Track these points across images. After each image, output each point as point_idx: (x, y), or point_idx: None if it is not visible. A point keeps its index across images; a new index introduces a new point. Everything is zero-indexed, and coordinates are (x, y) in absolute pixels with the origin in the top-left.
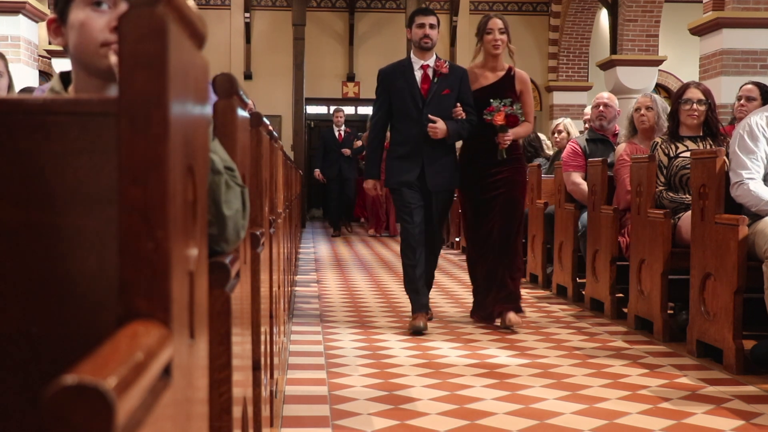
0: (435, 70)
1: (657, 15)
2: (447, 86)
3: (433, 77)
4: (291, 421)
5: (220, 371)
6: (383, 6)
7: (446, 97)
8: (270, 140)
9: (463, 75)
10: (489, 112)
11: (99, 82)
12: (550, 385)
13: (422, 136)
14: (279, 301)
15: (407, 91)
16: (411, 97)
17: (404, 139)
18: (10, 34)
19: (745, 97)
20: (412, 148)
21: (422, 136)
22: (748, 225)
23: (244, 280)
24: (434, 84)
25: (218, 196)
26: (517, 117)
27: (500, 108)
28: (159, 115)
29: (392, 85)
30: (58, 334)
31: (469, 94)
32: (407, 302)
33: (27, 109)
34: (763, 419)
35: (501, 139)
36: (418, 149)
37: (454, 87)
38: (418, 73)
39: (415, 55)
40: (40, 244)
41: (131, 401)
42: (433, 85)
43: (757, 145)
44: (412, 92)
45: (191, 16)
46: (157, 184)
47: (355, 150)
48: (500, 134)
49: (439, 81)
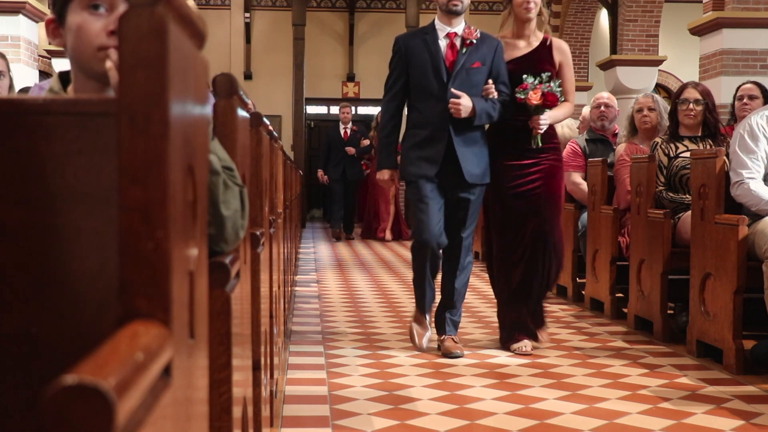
0: (463, 38)
1: (657, 15)
2: (477, 58)
3: (461, 47)
4: (291, 421)
5: (220, 371)
6: (383, 6)
7: (475, 72)
8: (270, 140)
9: (497, 46)
10: (522, 90)
11: (97, 85)
12: (550, 385)
13: (447, 116)
14: (279, 301)
15: (429, 63)
16: (434, 71)
17: (425, 120)
18: (10, 34)
19: (747, 96)
20: (434, 132)
21: (447, 117)
22: (748, 225)
23: (244, 280)
24: (462, 55)
25: (216, 196)
26: (555, 96)
27: (536, 85)
28: (159, 115)
29: (411, 55)
30: (58, 334)
31: (504, 70)
32: (407, 302)
33: (27, 109)
34: (763, 419)
35: (536, 122)
36: (441, 133)
37: (486, 59)
38: (443, 42)
39: (440, 21)
40: (40, 244)
41: (131, 401)
42: (460, 56)
43: (758, 144)
44: (435, 64)
45: (191, 16)
46: (157, 184)
47: (361, 150)
48: (535, 117)
49: (468, 52)
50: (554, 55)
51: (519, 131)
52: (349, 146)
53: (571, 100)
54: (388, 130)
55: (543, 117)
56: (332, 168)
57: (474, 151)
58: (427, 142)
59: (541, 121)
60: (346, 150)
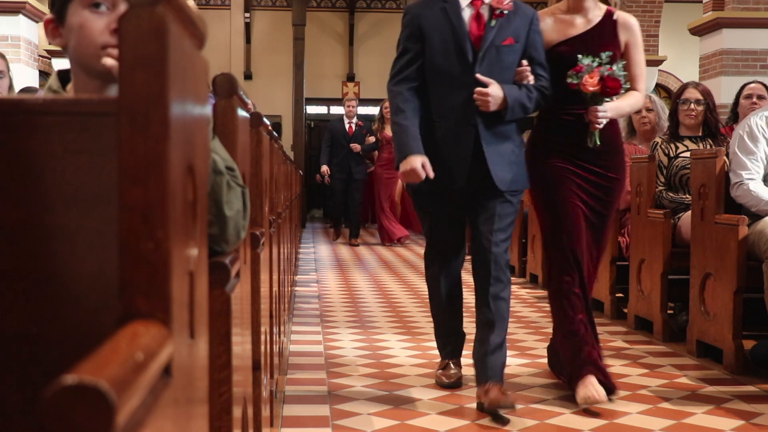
0: (492, 7)
1: (657, 15)
2: (509, 33)
3: (489, 19)
4: (291, 421)
5: (220, 371)
6: (383, 6)
7: (507, 51)
8: (270, 140)
9: (533, 17)
10: (575, 74)
11: (99, 83)
12: (550, 385)
13: (473, 106)
14: (279, 301)
15: (450, 40)
16: (456, 49)
17: (443, 112)
18: (10, 34)
19: (756, 95)
20: (456, 127)
21: (473, 108)
22: (748, 225)
23: (244, 280)
24: (490, 29)
25: (220, 196)
26: (618, 81)
27: (593, 67)
28: (159, 115)
29: (427, 29)
30: (58, 334)
31: (541, 47)
32: (407, 302)
33: (27, 109)
34: (763, 419)
35: (593, 115)
36: (465, 128)
37: (520, 35)
38: (467, 13)
39: None
40: (40, 244)
41: (131, 401)
42: (488, 30)
43: (757, 145)
44: (458, 41)
45: (191, 16)
46: (157, 184)
47: (367, 147)
48: (592, 108)
49: (499, 25)
50: (619, 33)
51: (572, 127)
52: (354, 142)
53: (640, 89)
54: (408, 112)
55: (602, 108)
56: (335, 165)
57: (506, 151)
58: (447, 141)
59: (600, 113)
60: (352, 147)
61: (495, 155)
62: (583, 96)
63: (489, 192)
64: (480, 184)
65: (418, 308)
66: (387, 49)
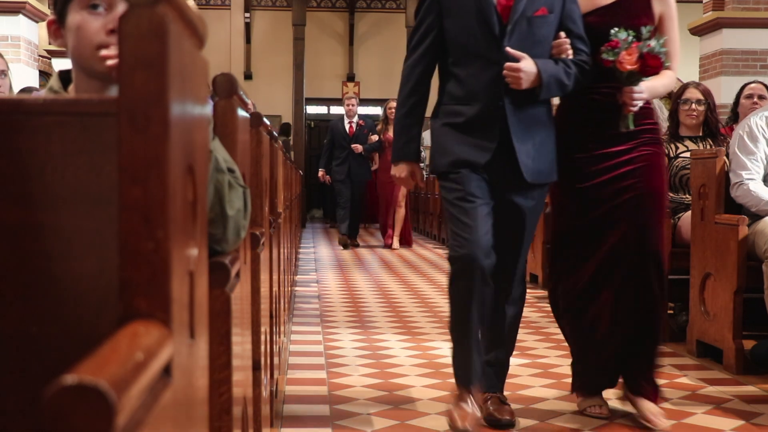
0: None
1: None
2: (542, 3)
3: None
4: (291, 421)
5: (220, 371)
6: (383, 6)
7: (540, 22)
8: (270, 140)
9: None
10: (610, 50)
11: (99, 84)
12: (550, 385)
13: (500, 87)
14: (279, 301)
15: (474, 12)
16: (480, 22)
17: (468, 93)
18: (10, 34)
19: (757, 95)
20: (481, 110)
21: (501, 88)
22: (748, 225)
23: (244, 280)
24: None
25: (224, 195)
26: (659, 59)
27: (630, 43)
28: (159, 115)
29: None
30: (58, 334)
31: (579, 20)
32: (407, 302)
33: (27, 109)
34: (763, 419)
35: (628, 96)
36: (492, 111)
37: (554, 5)
38: None
39: None
40: (40, 244)
41: (131, 401)
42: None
43: (757, 145)
44: (483, 12)
45: (191, 16)
46: (157, 184)
47: (369, 147)
48: (627, 88)
49: None
50: (653, 4)
51: (601, 108)
52: (355, 142)
53: (674, 68)
54: (409, 107)
55: (639, 89)
56: (336, 167)
57: (537, 139)
58: (472, 126)
59: (635, 95)
60: (353, 147)
61: (524, 143)
62: (617, 75)
63: (514, 189)
64: (503, 177)
65: (418, 308)
66: (387, 49)
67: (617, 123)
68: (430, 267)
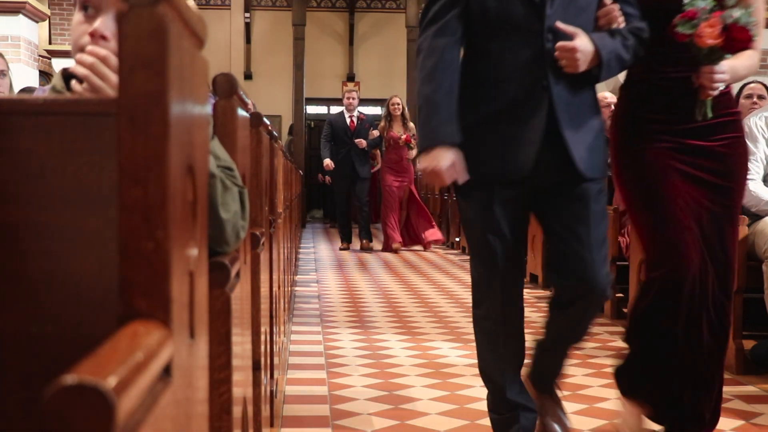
0: None
1: None
2: None
3: None
4: (291, 421)
5: (220, 371)
6: (383, 6)
7: None
8: (270, 140)
9: None
10: (686, 21)
11: None
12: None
13: (545, 68)
14: (279, 301)
15: None
16: None
17: (503, 75)
18: (10, 34)
19: (756, 95)
20: (522, 95)
21: (545, 70)
22: (748, 225)
23: (244, 280)
24: None
25: (214, 199)
26: (748, 32)
27: (708, 14)
28: (159, 115)
29: None
30: (58, 334)
31: None
32: (407, 302)
33: (27, 109)
34: (763, 419)
35: (706, 78)
36: (535, 96)
37: None
38: None
39: None
40: (40, 244)
41: (131, 401)
42: None
43: (757, 146)
44: None
45: (191, 16)
46: (157, 184)
47: (371, 142)
48: (706, 68)
49: None
50: None
51: (674, 93)
52: (357, 137)
53: (756, 47)
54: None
55: (719, 68)
56: (336, 165)
57: (588, 127)
58: (509, 114)
59: (716, 76)
60: (357, 143)
61: (576, 132)
62: (695, 52)
63: (570, 185)
64: (555, 175)
65: (418, 308)
66: (387, 49)
67: (692, 110)
68: (431, 267)
